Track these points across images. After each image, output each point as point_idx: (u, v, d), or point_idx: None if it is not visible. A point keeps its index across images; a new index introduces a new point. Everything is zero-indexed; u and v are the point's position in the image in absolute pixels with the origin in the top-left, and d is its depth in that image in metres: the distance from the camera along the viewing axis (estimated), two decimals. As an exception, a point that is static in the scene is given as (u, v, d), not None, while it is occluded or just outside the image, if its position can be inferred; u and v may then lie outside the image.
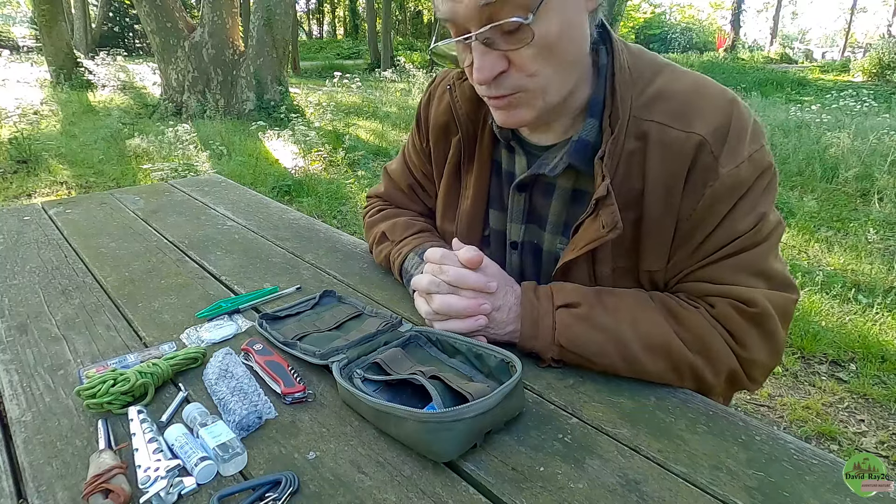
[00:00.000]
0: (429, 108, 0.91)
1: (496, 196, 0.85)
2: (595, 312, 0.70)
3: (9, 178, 4.72)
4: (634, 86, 0.69)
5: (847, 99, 7.64)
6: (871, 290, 2.80)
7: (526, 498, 0.51)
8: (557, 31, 0.60)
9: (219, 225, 1.24)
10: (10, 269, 0.99)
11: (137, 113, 8.10)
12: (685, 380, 0.69)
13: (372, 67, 16.78)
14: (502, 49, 0.61)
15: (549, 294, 0.73)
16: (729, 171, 0.65)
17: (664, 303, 0.71)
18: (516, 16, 0.58)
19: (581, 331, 0.69)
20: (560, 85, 0.66)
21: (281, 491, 0.51)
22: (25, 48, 20.32)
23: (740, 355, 0.69)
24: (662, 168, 0.67)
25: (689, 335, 0.68)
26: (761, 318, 0.68)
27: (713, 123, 0.65)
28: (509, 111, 0.68)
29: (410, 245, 0.89)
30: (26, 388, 0.67)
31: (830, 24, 42.56)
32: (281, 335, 0.74)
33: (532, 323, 0.71)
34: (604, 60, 0.71)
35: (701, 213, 0.67)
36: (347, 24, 36.93)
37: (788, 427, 1.89)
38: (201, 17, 7.63)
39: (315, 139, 5.56)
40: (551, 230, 0.79)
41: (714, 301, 0.69)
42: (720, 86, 0.70)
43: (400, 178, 1.01)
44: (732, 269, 0.69)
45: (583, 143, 0.71)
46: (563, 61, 0.64)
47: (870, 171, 4.59)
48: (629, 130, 0.68)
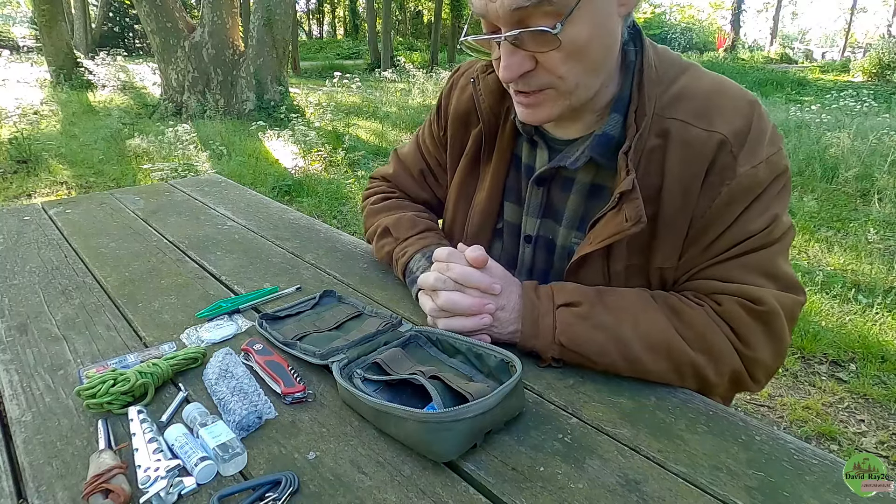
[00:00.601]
0: (450, 97, 0.92)
1: (513, 189, 0.85)
2: (596, 311, 0.70)
3: (9, 178, 4.72)
4: (659, 84, 0.70)
5: (847, 99, 7.64)
6: (871, 290, 2.80)
7: (526, 498, 0.51)
8: (587, 36, 0.61)
9: (219, 225, 1.24)
10: (10, 269, 0.99)
11: (137, 113, 8.11)
12: (686, 379, 0.69)
13: (372, 67, 16.78)
14: (530, 50, 0.62)
15: (549, 293, 0.73)
16: (746, 171, 0.66)
17: (667, 301, 0.71)
18: (545, 25, 0.59)
19: (581, 330, 0.69)
20: (587, 86, 0.67)
21: (281, 491, 0.51)
22: (25, 48, 20.32)
23: (744, 354, 0.69)
24: (682, 166, 0.68)
25: (691, 333, 0.68)
26: (769, 316, 0.68)
27: (735, 124, 0.66)
28: (533, 108, 0.69)
29: (416, 246, 0.89)
30: (26, 388, 0.67)
31: (830, 24, 42.57)
32: (281, 335, 0.74)
33: (532, 322, 0.71)
34: (632, 58, 0.72)
35: (715, 212, 0.68)
36: (347, 24, 36.94)
37: (788, 427, 1.89)
38: (201, 17, 7.63)
39: (315, 139, 5.56)
40: (567, 225, 0.79)
41: (721, 299, 0.69)
42: (741, 87, 0.71)
43: (412, 162, 1.01)
44: (742, 269, 0.69)
45: (606, 138, 0.71)
46: (592, 64, 0.65)
47: (870, 171, 4.59)
48: (652, 127, 0.68)
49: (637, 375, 0.69)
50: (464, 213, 0.91)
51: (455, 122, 0.90)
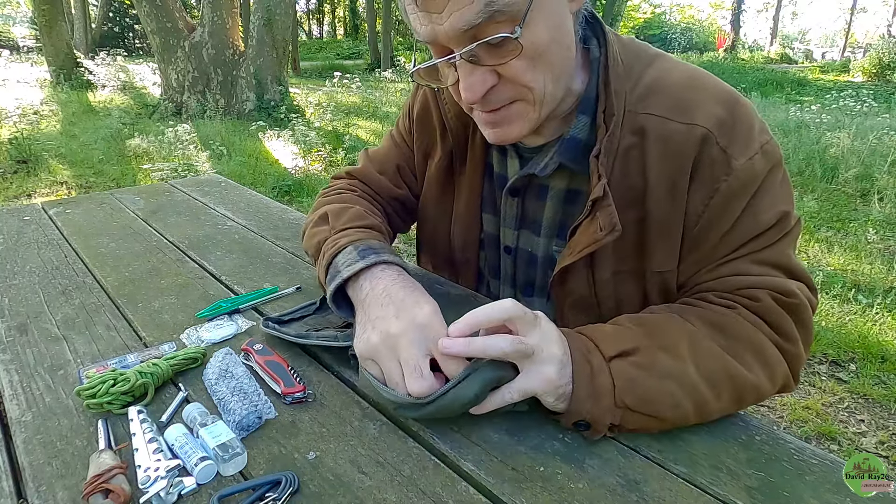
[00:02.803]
0: (415, 99, 0.89)
1: (488, 199, 0.82)
2: (656, 356, 0.59)
3: (9, 178, 4.72)
4: (628, 78, 0.65)
5: (847, 99, 7.64)
6: (871, 290, 2.80)
7: (526, 498, 0.51)
8: (547, 37, 0.57)
9: (219, 225, 1.24)
10: (10, 269, 0.99)
11: (137, 113, 8.11)
12: (746, 403, 0.61)
13: (372, 67, 16.78)
14: (489, 64, 0.58)
15: (588, 343, 0.60)
16: (743, 164, 0.61)
17: (700, 316, 0.63)
18: (503, 31, 0.54)
19: (650, 384, 0.57)
20: (554, 91, 0.62)
21: (281, 491, 0.51)
22: (25, 48, 20.32)
23: (787, 351, 0.63)
24: (664, 164, 0.63)
25: (740, 346, 0.61)
26: (800, 309, 0.64)
27: (715, 114, 0.62)
28: (502, 127, 0.64)
29: (352, 237, 0.74)
30: (26, 388, 0.67)
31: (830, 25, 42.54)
32: (293, 330, 0.74)
33: (586, 381, 0.56)
34: (595, 54, 0.67)
35: (716, 210, 0.63)
36: (347, 25, 36.93)
37: (788, 427, 1.89)
38: (201, 17, 7.63)
39: (315, 139, 5.56)
40: (546, 234, 0.76)
41: (754, 293, 0.63)
42: (715, 77, 0.67)
43: (387, 159, 0.94)
44: (759, 264, 0.65)
45: (574, 141, 0.68)
46: (554, 67, 0.61)
47: (870, 171, 4.59)
48: (625, 125, 0.64)
49: (699, 421, 0.60)
50: (445, 224, 0.88)
51: (419, 122, 0.87)
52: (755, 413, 1.95)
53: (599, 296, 0.72)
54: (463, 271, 0.92)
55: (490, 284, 0.91)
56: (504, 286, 0.87)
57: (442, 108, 0.81)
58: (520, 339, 0.55)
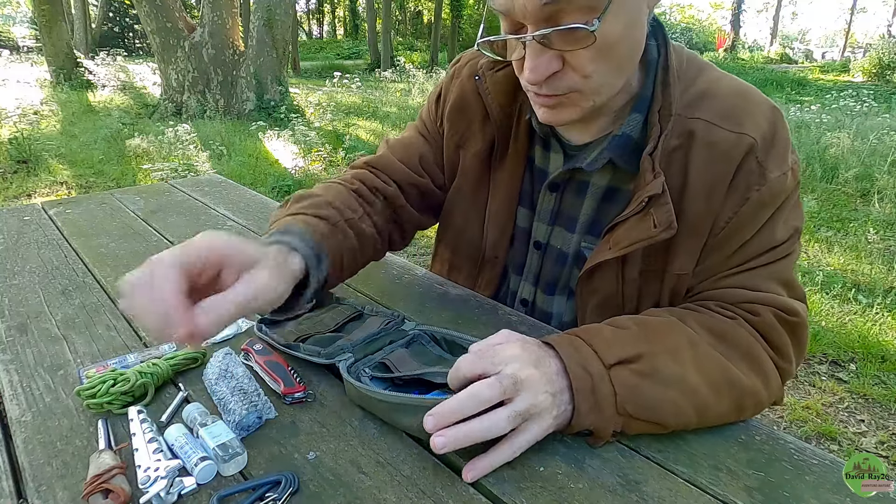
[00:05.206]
0: (450, 87, 0.87)
1: (526, 193, 0.82)
2: (658, 362, 0.58)
3: (9, 178, 4.73)
4: (680, 83, 0.67)
5: (847, 99, 7.65)
6: (871, 290, 2.80)
7: (526, 498, 0.51)
8: (620, 32, 0.57)
9: (219, 225, 1.24)
10: (10, 269, 0.99)
11: (137, 113, 8.11)
12: (746, 411, 0.61)
13: (372, 67, 16.79)
14: (559, 49, 0.58)
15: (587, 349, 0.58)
16: (777, 177, 0.63)
17: (701, 322, 0.64)
18: (578, 20, 0.54)
19: (653, 391, 0.57)
20: (611, 85, 0.63)
21: (281, 491, 0.51)
22: (25, 48, 20.33)
23: (781, 367, 0.65)
24: (707, 168, 0.64)
25: (738, 354, 0.62)
26: (800, 328, 0.66)
27: (762, 127, 0.64)
28: (556, 109, 0.64)
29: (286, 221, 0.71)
30: (26, 388, 0.67)
31: (830, 25, 42.58)
32: (282, 338, 0.74)
33: (587, 394, 0.55)
34: (653, 54, 0.68)
35: (742, 219, 0.65)
36: (347, 25, 36.96)
37: (788, 427, 1.89)
38: (201, 17, 7.63)
39: (315, 139, 5.57)
40: (580, 230, 0.76)
41: (756, 308, 0.65)
42: (761, 92, 0.69)
43: (411, 147, 0.91)
44: (766, 278, 0.66)
45: (625, 139, 0.68)
46: (621, 61, 0.61)
47: (870, 171, 4.59)
48: (673, 127, 0.65)
49: (701, 426, 0.59)
50: (477, 217, 0.87)
51: (453, 112, 0.85)
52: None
53: (626, 295, 0.72)
54: (488, 267, 0.90)
55: (511, 281, 0.90)
56: (525, 283, 0.86)
57: (485, 97, 0.79)
58: (512, 410, 0.52)
